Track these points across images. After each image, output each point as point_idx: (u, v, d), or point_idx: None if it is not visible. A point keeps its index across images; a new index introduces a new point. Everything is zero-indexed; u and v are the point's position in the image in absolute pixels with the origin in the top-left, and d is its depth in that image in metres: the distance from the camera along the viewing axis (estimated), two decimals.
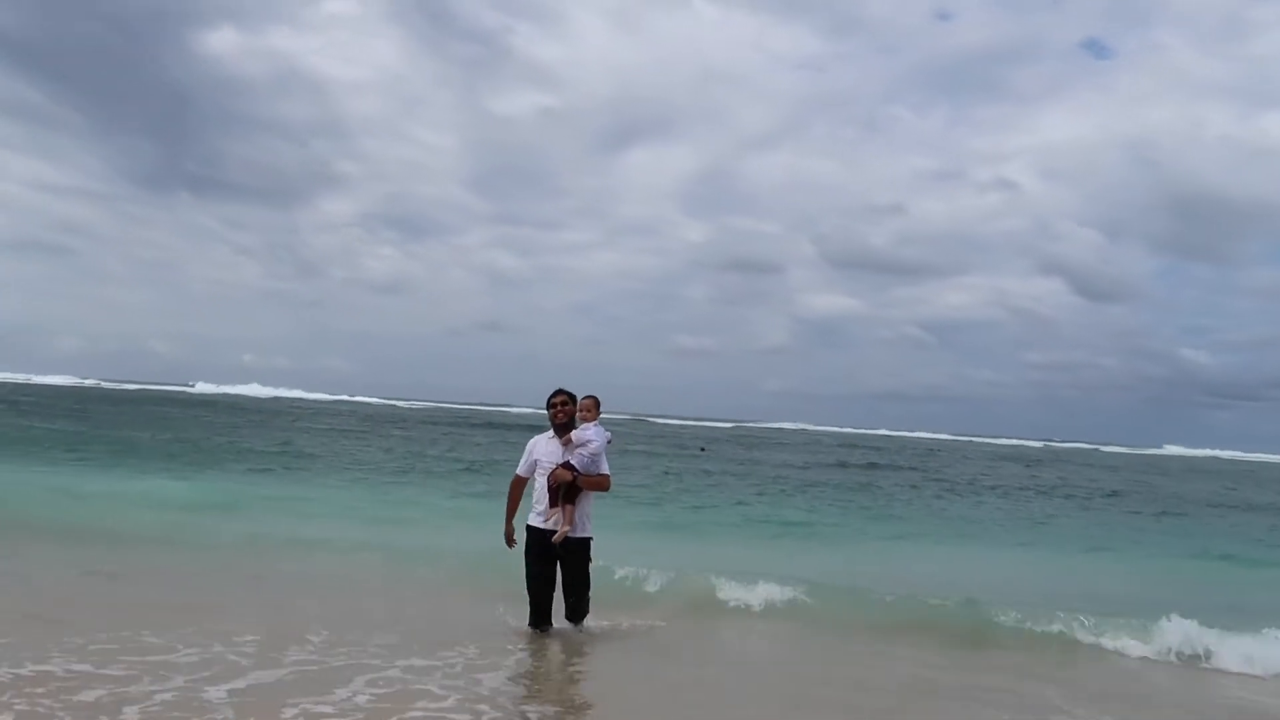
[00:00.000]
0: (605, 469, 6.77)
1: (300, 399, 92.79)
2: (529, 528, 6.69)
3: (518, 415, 72.65)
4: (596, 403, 6.73)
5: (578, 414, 6.71)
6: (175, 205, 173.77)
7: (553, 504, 6.54)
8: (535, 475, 6.73)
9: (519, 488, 6.81)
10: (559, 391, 6.75)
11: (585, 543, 6.74)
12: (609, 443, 6.82)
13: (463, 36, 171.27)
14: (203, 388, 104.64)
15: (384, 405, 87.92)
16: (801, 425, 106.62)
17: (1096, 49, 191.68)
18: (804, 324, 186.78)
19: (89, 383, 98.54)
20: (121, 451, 22.60)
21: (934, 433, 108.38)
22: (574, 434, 6.62)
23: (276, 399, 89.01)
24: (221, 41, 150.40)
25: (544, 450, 6.70)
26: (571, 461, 6.55)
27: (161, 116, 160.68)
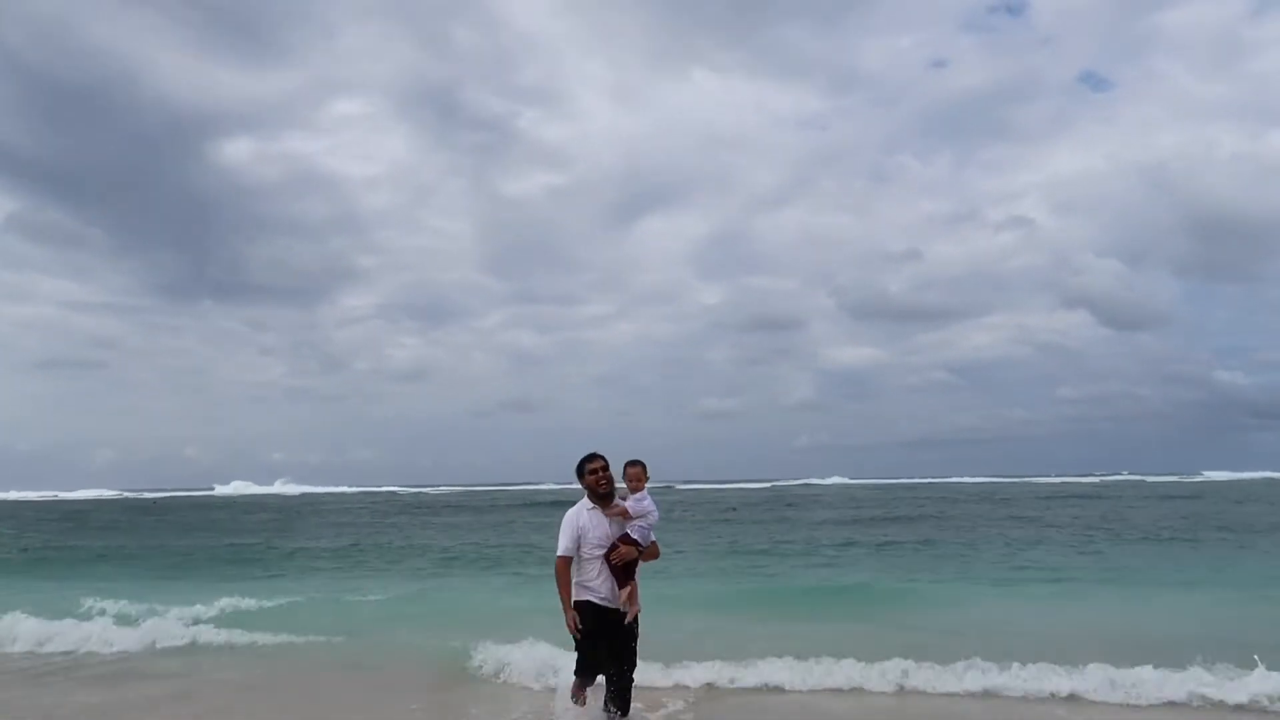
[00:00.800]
0: (653, 538, 6.31)
1: (328, 493, 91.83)
2: (588, 605, 6.02)
3: (548, 491, 71.46)
4: (645, 469, 6.26)
5: (627, 482, 6.23)
6: (201, 312, 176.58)
7: (624, 580, 6.01)
8: (581, 552, 6.11)
9: (568, 569, 6.09)
10: (594, 457, 6.15)
11: (636, 621, 6.21)
12: None
13: (471, 125, 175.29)
14: (233, 487, 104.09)
15: (409, 493, 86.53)
16: (837, 479, 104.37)
17: (1094, 81, 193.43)
18: (829, 377, 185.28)
19: (110, 493, 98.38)
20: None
21: (973, 476, 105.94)
22: (630, 504, 6.10)
23: (304, 494, 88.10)
24: (238, 151, 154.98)
25: (589, 523, 6.05)
26: (632, 535, 6.03)
27: (183, 227, 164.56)
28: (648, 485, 6.21)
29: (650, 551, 6.15)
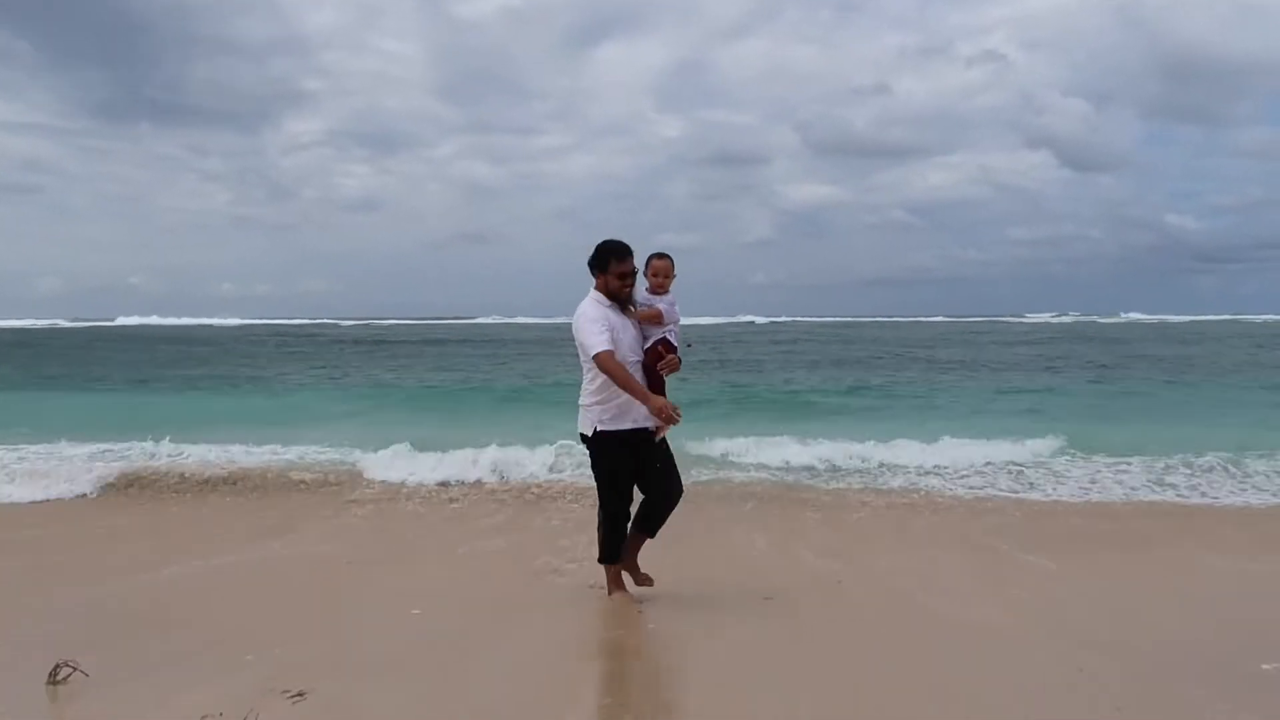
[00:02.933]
0: None
1: (280, 324, 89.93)
2: (618, 434, 4.91)
3: (490, 326, 70.19)
4: (673, 265, 5.15)
5: (650, 278, 5.07)
6: (137, 136, 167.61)
7: (658, 390, 4.91)
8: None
9: (615, 359, 4.85)
10: (626, 252, 4.93)
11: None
12: None
13: None
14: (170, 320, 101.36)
15: (359, 326, 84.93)
16: (788, 317, 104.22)
17: None
18: (789, 215, 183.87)
19: (43, 324, 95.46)
20: None
21: (928, 316, 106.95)
22: (663, 305, 4.98)
23: (251, 325, 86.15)
24: None
25: (619, 324, 4.91)
26: (672, 340, 4.99)
27: (114, 44, 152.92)
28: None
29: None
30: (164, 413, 14.85)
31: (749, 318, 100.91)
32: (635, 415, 4.81)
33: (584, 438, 4.94)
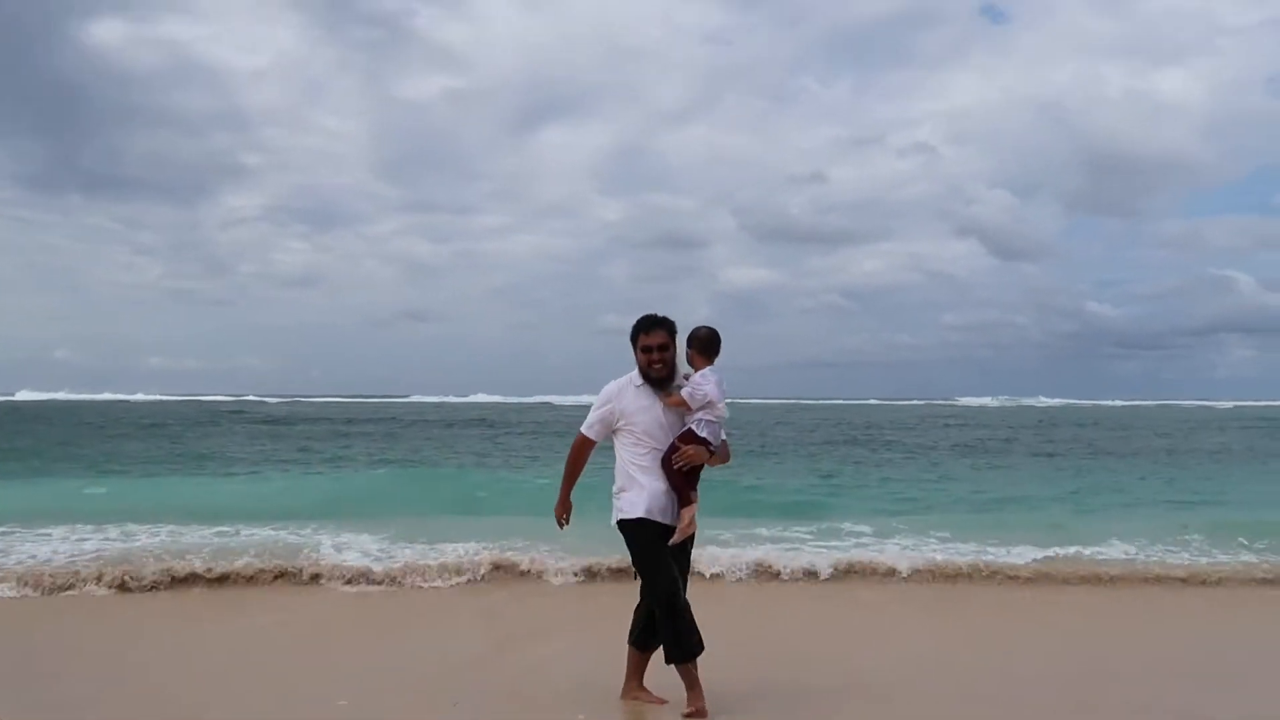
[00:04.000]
0: (724, 436, 4.61)
1: (206, 400, 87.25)
2: (645, 522, 4.41)
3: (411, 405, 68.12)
4: (711, 341, 4.55)
5: (689, 359, 4.54)
6: (68, 208, 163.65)
7: (683, 495, 4.38)
8: (621, 444, 4.54)
9: (585, 450, 4.63)
10: (655, 324, 4.47)
11: (693, 538, 4.61)
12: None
13: (364, 20, 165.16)
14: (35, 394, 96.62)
15: (284, 403, 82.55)
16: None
17: (994, 13, 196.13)
18: (728, 297, 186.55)
19: None
20: None
21: (862, 399, 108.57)
22: (690, 389, 4.41)
23: (183, 402, 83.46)
24: (109, 33, 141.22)
25: (635, 404, 4.47)
26: (697, 431, 4.40)
27: (47, 114, 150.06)
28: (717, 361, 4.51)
29: (721, 455, 4.51)
30: None
31: None
32: (649, 506, 4.36)
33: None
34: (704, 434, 4.39)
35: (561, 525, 4.64)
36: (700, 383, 4.40)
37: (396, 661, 5.57)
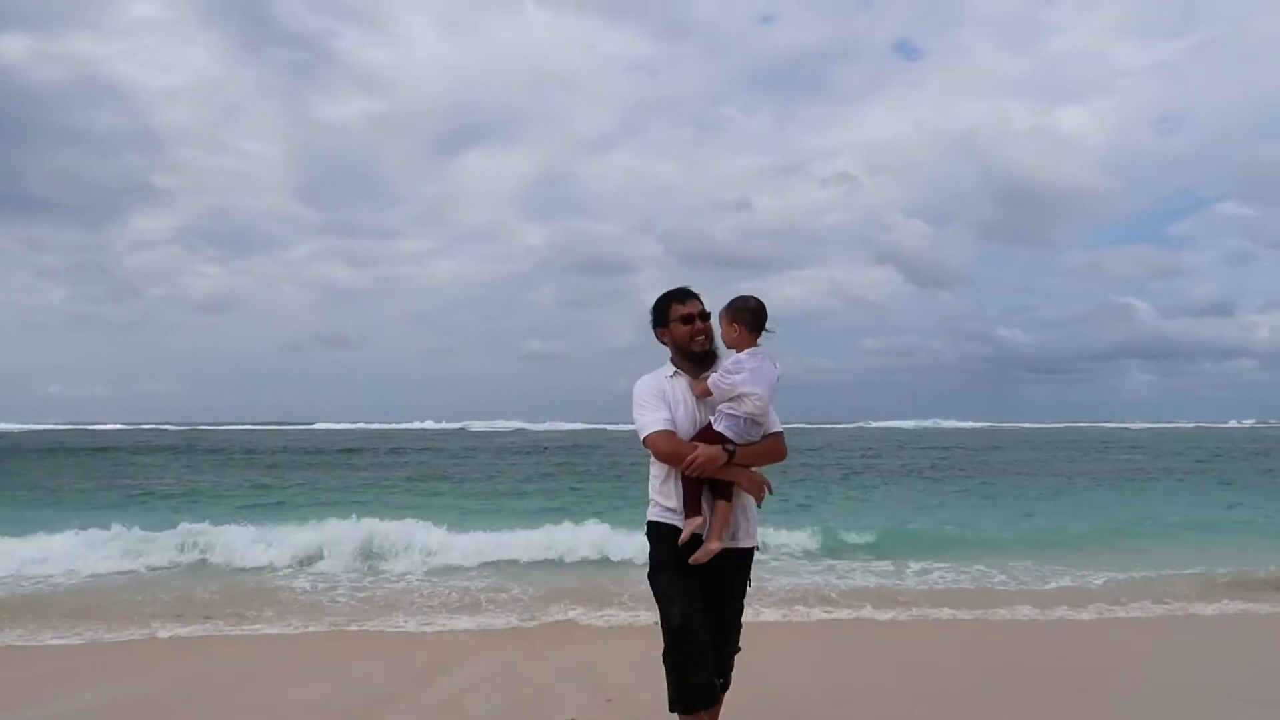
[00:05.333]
0: (777, 424, 3.73)
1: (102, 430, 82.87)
2: (666, 527, 3.65)
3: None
4: (754, 311, 3.69)
5: (725, 337, 3.73)
6: None
7: (691, 504, 3.55)
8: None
9: (673, 437, 3.60)
10: (687, 293, 3.76)
11: (748, 558, 3.79)
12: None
13: (284, 41, 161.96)
14: None
15: (183, 431, 78.64)
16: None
17: (908, 50, 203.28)
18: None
19: None
20: None
21: (787, 422, 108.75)
22: (718, 376, 3.60)
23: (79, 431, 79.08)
24: (12, 48, 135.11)
25: (675, 396, 3.69)
26: (715, 424, 3.59)
27: None
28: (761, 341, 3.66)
29: (759, 452, 3.61)
30: None
31: (612, 426, 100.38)
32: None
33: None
34: (721, 428, 3.55)
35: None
36: (731, 369, 3.58)
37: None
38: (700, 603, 3.57)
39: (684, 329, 3.68)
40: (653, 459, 3.66)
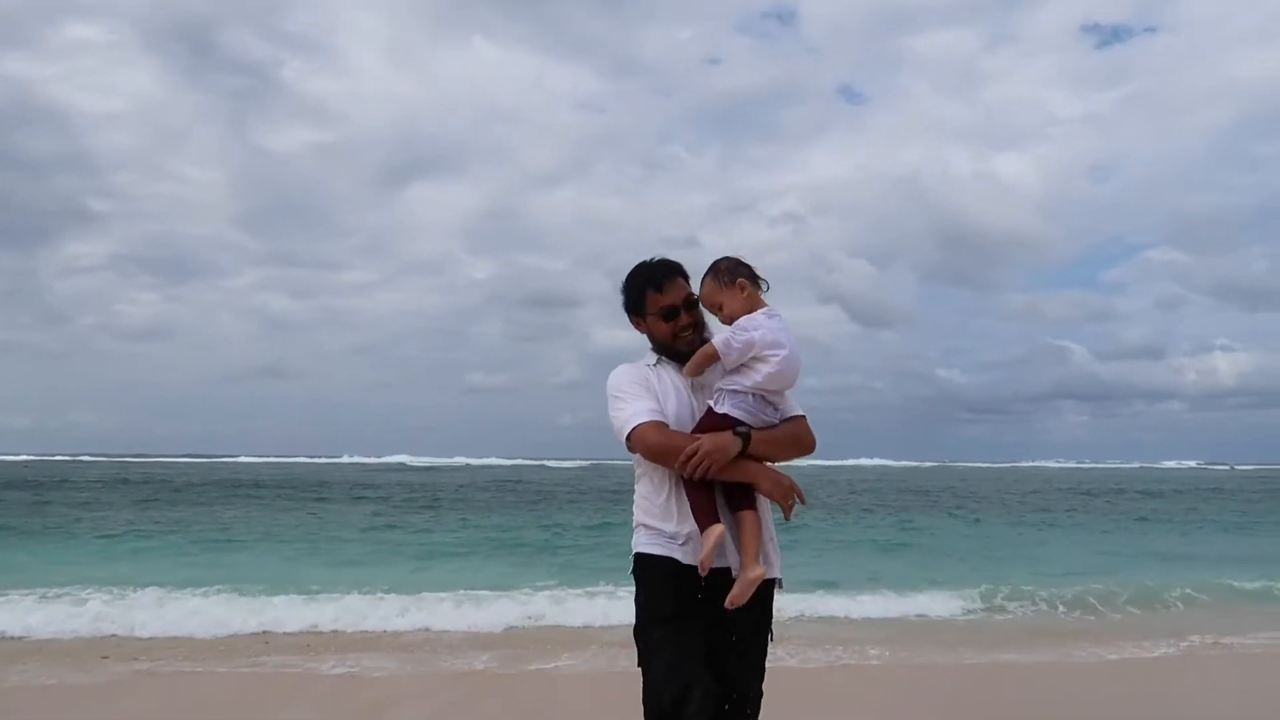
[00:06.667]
0: (793, 405, 2.87)
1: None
2: (665, 564, 2.74)
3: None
4: (744, 275, 2.85)
5: (718, 306, 2.86)
6: None
7: (705, 511, 2.65)
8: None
9: (663, 429, 2.74)
10: (670, 269, 2.91)
11: (769, 591, 2.83)
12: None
13: (229, 68, 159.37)
14: None
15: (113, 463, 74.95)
16: (588, 460, 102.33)
17: (850, 94, 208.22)
18: (599, 358, 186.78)
19: None
20: None
21: None
22: (720, 340, 2.76)
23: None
24: None
25: (661, 386, 2.85)
26: (720, 408, 2.73)
27: None
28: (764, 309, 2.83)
29: (780, 439, 2.75)
30: None
31: (552, 461, 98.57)
32: (680, 536, 2.71)
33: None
34: (727, 408, 2.69)
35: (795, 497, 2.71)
36: (745, 326, 2.71)
37: None
38: (708, 673, 2.61)
39: (665, 326, 2.85)
40: (641, 467, 2.80)
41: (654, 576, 2.72)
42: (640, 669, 2.70)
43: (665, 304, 2.83)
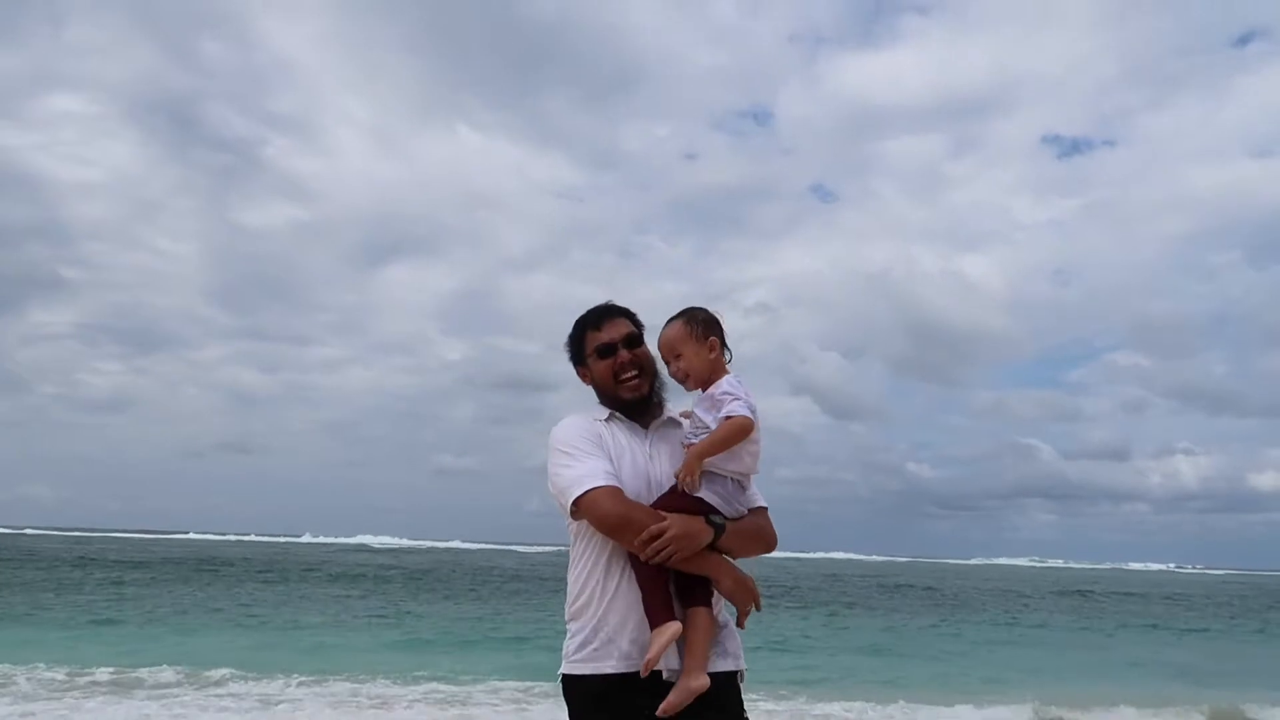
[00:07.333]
0: (756, 493, 2.51)
1: None
2: (599, 681, 2.30)
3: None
4: (714, 329, 2.48)
5: (678, 368, 2.45)
6: None
7: (659, 605, 2.25)
8: (578, 530, 2.46)
9: (618, 496, 2.29)
10: (611, 312, 2.55)
11: (732, 688, 2.39)
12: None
13: (211, 144, 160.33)
14: None
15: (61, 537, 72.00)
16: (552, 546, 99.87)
17: (823, 193, 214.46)
18: None
19: None
20: None
21: None
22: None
23: None
24: None
25: (618, 448, 2.42)
26: (691, 489, 2.31)
27: None
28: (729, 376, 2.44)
29: (747, 533, 2.39)
30: None
31: (523, 547, 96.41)
32: (622, 640, 2.28)
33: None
34: (704, 494, 2.30)
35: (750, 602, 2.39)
36: (728, 389, 2.35)
37: None
38: None
39: (603, 364, 2.49)
40: (580, 543, 2.38)
41: (585, 699, 2.31)
42: None
43: (603, 341, 2.46)
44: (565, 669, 2.36)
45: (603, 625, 2.30)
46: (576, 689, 2.33)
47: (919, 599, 32.12)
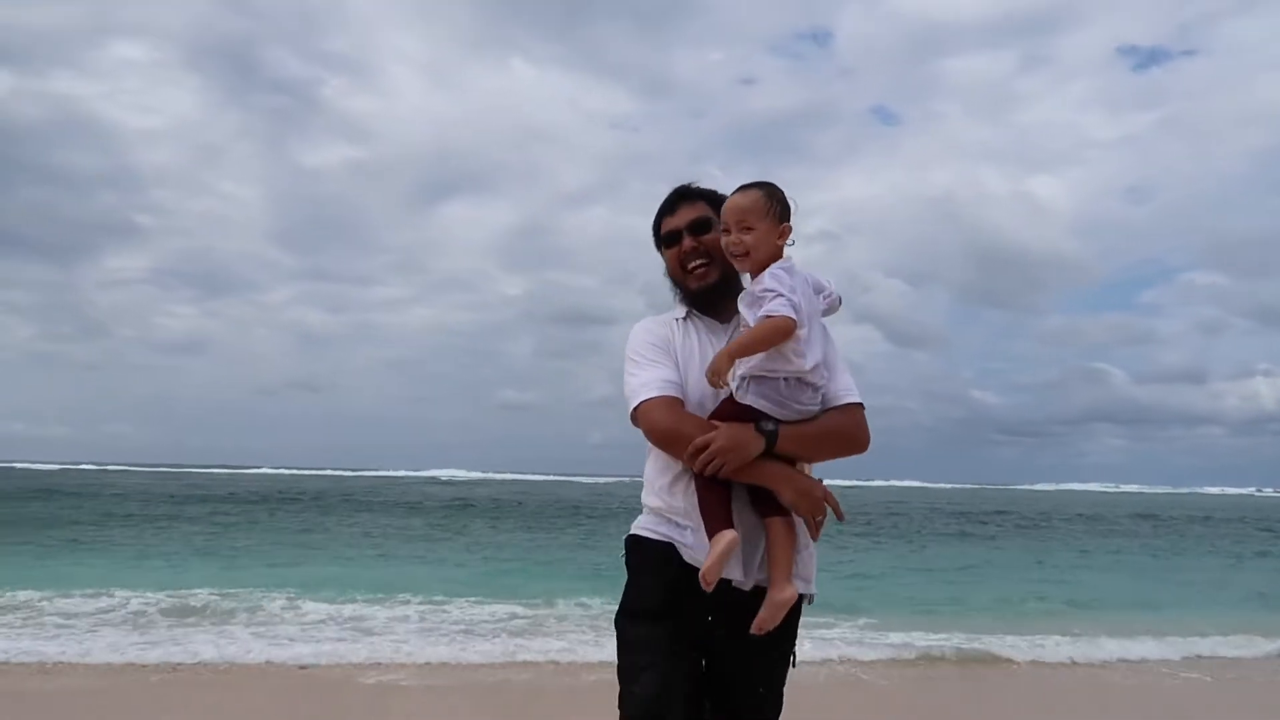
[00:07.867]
0: (852, 390, 2.33)
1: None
2: (666, 552, 2.29)
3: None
4: (788, 215, 2.31)
5: (736, 233, 2.24)
6: None
7: (717, 514, 2.14)
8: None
9: (675, 408, 2.26)
10: (686, 194, 2.42)
11: (797, 608, 2.28)
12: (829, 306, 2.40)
13: (269, 87, 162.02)
14: None
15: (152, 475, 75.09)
16: (615, 477, 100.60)
17: (884, 115, 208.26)
18: None
19: None
20: None
21: None
22: (744, 297, 2.25)
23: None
24: None
25: (685, 350, 2.36)
26: (741, 395, 2.18)
27: None
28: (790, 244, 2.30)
29: (815, 436, 2.22)
30: None
31: (587, 479, 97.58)
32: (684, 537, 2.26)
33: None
34: (751, 398, 2.15)
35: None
36: (771, 285, 2.15)
37: None
38: (687, 684, 2.20)
39: (670, 253, 2.43)
40: (654, 461, 2.34)
41: (646, 564, 2.30)
42: (618, 672, 2.24)
43: (671, 227, 2.38)
44: (637, 531, 2.35)
45: (674, 513, 2.26)
46: (646, 552, 2.30)
47: (1014, 526, 31.67)
